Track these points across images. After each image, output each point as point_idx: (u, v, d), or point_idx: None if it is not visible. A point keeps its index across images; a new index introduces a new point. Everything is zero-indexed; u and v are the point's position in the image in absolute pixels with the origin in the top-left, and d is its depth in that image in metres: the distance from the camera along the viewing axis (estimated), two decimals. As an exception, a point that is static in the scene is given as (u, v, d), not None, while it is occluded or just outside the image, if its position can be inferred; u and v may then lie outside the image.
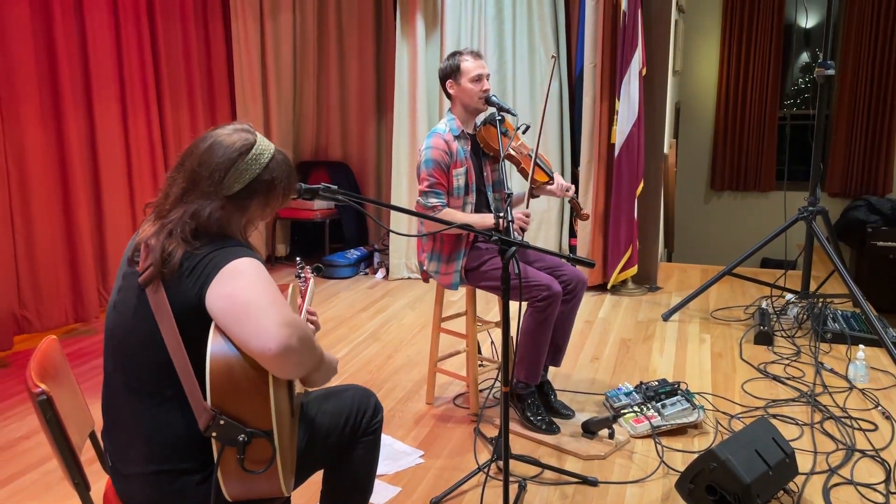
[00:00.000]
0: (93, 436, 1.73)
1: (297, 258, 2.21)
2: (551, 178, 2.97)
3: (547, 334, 2.79)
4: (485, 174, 2.99)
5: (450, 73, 2.90)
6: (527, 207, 2.86)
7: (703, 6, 7.04)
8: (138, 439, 1.48)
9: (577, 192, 3.02)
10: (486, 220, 2.81)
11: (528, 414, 2.88)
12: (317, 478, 1.82)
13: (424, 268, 3.02)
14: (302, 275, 2.00)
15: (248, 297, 1.37)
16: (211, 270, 1.40)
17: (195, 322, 1.41)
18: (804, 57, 7.30)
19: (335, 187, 1.72)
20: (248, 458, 1.39)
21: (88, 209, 4.18)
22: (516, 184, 3.04)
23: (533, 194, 3.00)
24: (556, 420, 2.91)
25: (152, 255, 1.43)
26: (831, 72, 3.98)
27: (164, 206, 1.50)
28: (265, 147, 1.54)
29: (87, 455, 1.74)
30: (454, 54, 2.91)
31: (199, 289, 1.40)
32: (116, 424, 1.53)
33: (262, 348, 1.33)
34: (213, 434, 1.38)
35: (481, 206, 2.98)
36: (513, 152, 2.95)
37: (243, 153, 1.50)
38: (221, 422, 1.37)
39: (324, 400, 1.77)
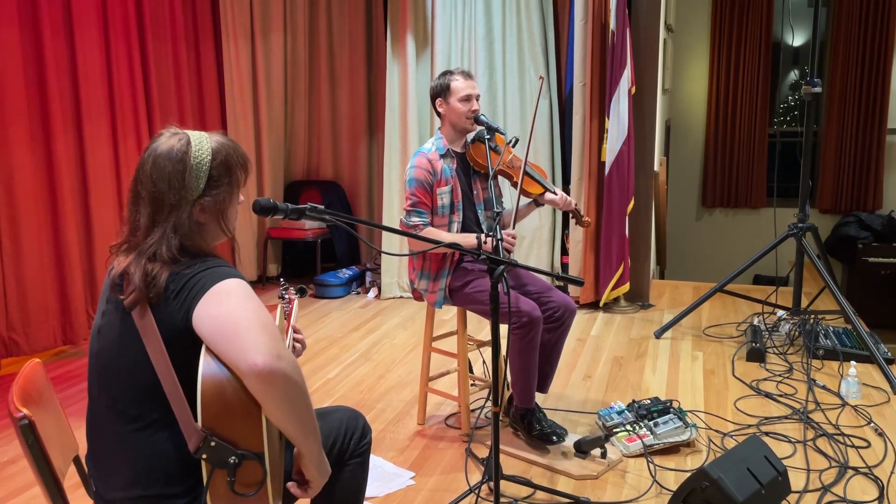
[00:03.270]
0: (77, 460, 1.71)
1: (281, 279, 2.20)
2: (547, 190, 2.97)
3: (533, 358, 2.77)
4: (474, 192, 2.99)
5: (440, 92, 2.92)
6: (513, 227, 2.85)
7: (692, 25, 7.11)
8: (123, 464, 1.46)
9: (576, 204, 3.04)
10: (469, 239, 2.81)
11: (535, 433, 2.87)
12: (305, 500, 1.80)
13: (415, 286, 3.02)
14: (286, 296, 1.98)
15: (237, 318, 1.36)
16: (197, 292, 1.39)
17: (184, 344, 1.40)
18: (793, 75, 7.36)
19: (321, 207, 1.71)
20: (238, 481, 1.37)
21: (77, 231, 4.16)
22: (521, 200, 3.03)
23: (538, 203, 3.01)
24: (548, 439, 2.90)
25: (134, 280, 1.42)
26: (818, 89, 4.02)
27: (136, 240, 1.47)
28: (199, 136, 1.53)
29: (72, 480, 1.72)
30: (445, 73, 2.93)
31: (186, 311, 1.39)
32: (101, 449, 1.51)
33: (248, 364, 1.31)
34: (204, 456, 1.36)
35: (470, 225, 2.97)
36: (505, 168, 2.95)
37: (186, 151, 1.49)
38: (212, 443, 1.36)
39: None
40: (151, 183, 1.47)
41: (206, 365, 1.37)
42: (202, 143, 1.51)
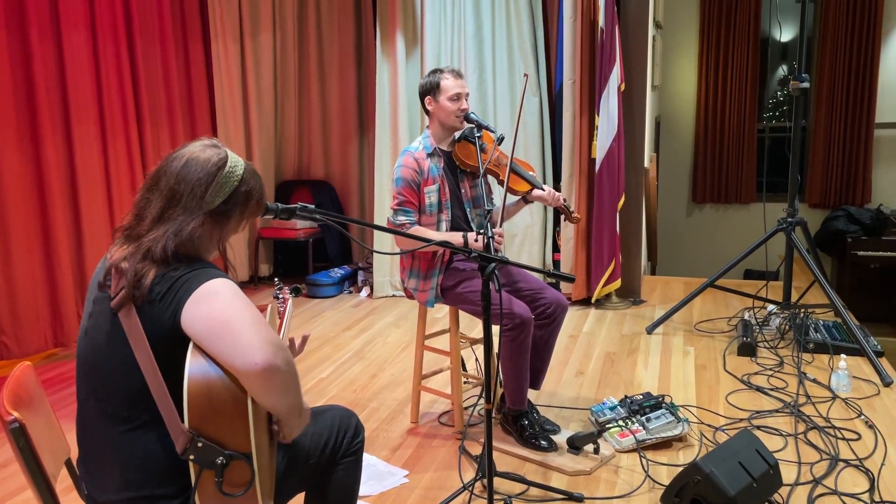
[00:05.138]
0: (69, 463, 1.71)
1: (276, 279, 2.21)
2: (535, 186, 2.97)
3: (525, 360, 2.78)
4: (462, 191, 2.99)
5: (429, 90, 2.92)
6: (500, 225, 2.86)
7: (680, 22, 7.13)
8: (114, 466, 1.46)
9: (565, 200, 3.04)
10: (457, 238, 2.82)
11: (527, 435, 2.87)
12: (298, 500, 1.80)
13: (405, 285, 3.02)
14: (280, 296, 1.99)
15: (228, 316, 1.36)
16: (183, 294, 1.39)
17: (170, 346, 1.40)
18: (781, 70, 7.39)
19: (311, 206, 1.72)
20: (226, 481, 1.38)
21: (67, 233, 4.14)
22: (508, 198, 3.03)
23: (526, 200, 3.01)
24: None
25: (125, 278, 1.42)
26: (806, 84, 4.04)
27: (140, 229, 1.48)
28: (237, 160, 1.55)
29: (64, 483, 1.71)
30: (435, 71, 2.93)
31: (173, 313, 1.39)
32: (91, 451, 1.51)
33: (247, 364, 1.32)
34: (191, 457, 1.36)
35: (458, 224, 2.98)
36: (491, 166, 2.96)
37: (220, 167, 1.51)
38: (199, 444, 1.36)
39: None
40: (175, 180, 1.48)
41: (192, 365, 1.37)
42: (237, 166, 1.54)
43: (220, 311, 1.37)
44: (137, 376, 1.41)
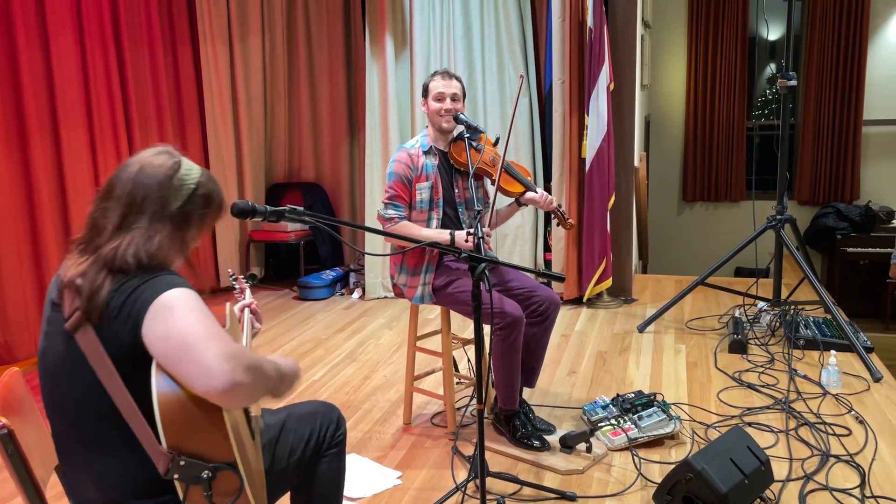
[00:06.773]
0: (59, 469, 1.70)
1: (229, 269, 2.17)
2: (528, 189, 2.98)
3: (516, 359, 2.78)
4: (456, 191, 3.00)
5: (422, 92, 3.01)
6: (489, 226, 2.86)
7: (669, 21, 7.15)
8: (91, 484, 1.42)
9: (560, 206, 3.04)
10: (442, 235, 2.83)
11: (519, 435, 2.88)
12: (284, 500, 1.80)
13: (395, 281, 3.03)
14: (236, 286, 1.97)
15: (183, 336, 1.29)
16: (140, 308, 1.33)
17: (134, 362, 1.34)
18: (769, 69, 7.43)
19: (300, 208, 1.71)
20: (216, 493, 1.34)
21: (56, 238, 4.12)
22: (502, 200, 3.05)
23: (519, 203, 3.02)
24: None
25: (79, 297, 1.36)
26: (793, 82, 4.06)
27: (100, 240, 1.42)
28: (191, 164, 1.52)
29: (55, 489, 1.70)
30: (431, 74, 3.00)
31: (132, 328, 1.33)
32: (68, 467, 1.48)
33: (207, 387, 1.26)
34: (175, 476, 1.31)
35: (450, 223, 2.99)
36: (484, 166, 2.97)
37: (175, 170, 1.48)
38: (182, 462, 1.31)
39: (285, 418, 1.76)
40: (132, 185, 1.44)
41: (159, 382, 1.30)
42: (192, 170, 1.50)
43: (175, 330, 1.30)
44: (103, 398, 1.35)
